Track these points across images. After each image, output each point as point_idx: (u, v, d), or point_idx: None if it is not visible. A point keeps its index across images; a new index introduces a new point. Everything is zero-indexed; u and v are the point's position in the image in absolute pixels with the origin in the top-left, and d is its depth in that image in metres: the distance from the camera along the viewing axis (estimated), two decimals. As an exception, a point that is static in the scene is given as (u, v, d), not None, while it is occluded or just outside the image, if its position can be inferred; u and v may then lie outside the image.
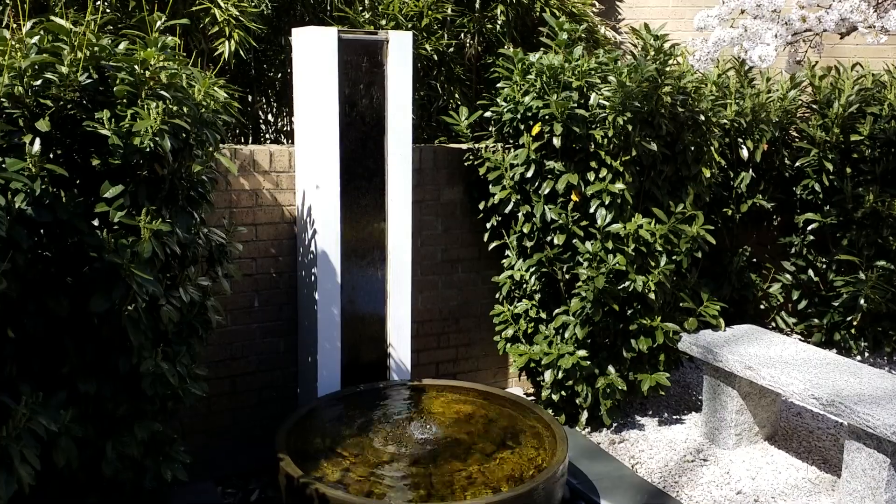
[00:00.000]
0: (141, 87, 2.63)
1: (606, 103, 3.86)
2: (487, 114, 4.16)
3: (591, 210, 3.92)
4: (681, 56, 4.01)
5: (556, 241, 3.96)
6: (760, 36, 3.23)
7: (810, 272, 5.22)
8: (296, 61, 3.78)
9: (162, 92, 2.66)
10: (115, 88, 2.62)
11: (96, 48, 2.68)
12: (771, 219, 5.36)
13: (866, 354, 5.22)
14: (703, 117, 4.12)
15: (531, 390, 4.72)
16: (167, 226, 2.70)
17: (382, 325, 4.00)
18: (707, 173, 4.22)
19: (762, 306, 5.29)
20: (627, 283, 3.89)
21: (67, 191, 2.62)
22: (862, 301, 4.83)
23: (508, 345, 4.33)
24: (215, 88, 2.98)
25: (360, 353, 3.96)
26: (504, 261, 4.31)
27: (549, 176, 3.98)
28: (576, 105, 3.82)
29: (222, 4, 3.61)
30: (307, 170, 3.77)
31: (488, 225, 4.31)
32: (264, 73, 4.41)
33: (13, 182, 2.41)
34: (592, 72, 3.94)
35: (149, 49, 2.68)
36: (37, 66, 2.55)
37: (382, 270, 3.95)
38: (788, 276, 5.26)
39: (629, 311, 4.05)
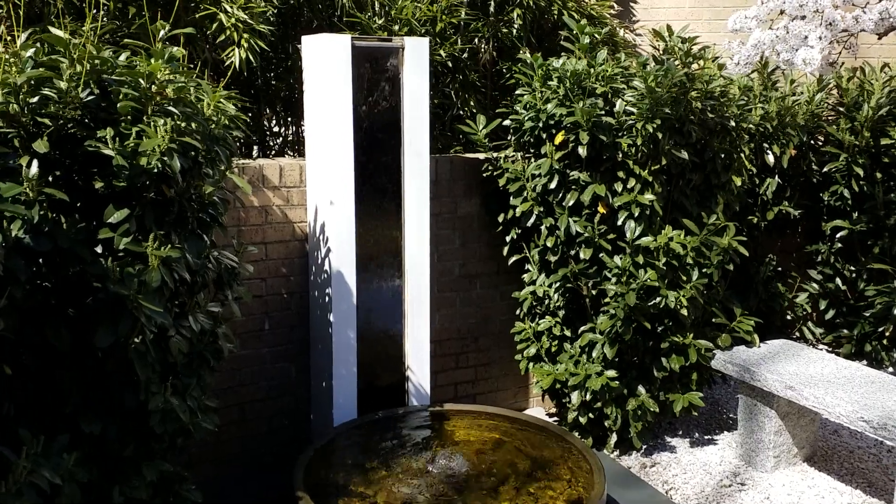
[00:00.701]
0: (147, 102, 2.42)
1: (634, 110, 3.66)
2: (506, 122, 3.96)
3: (619, 222, 3.71)
4: (709, 59, 3.82)
5: (582, 256, 3.76)
6: (805, 38, 3.03)
7: (838, 281, 5.03)
8: (306, 70, 3.57)
9: (170, 108, 2.45)
10: (118, 105, 2.41)
11: (97, 61, 2.48)
12: (796, 226, 5.17)
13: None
14: (733, 122, 3.92)
15: (553, 410, 4.52)
16: (177, 252, 2.49)
17: (400, 346, 3.79)
18: (738, 181, 4.02)
19: (788, 317, 5.10)
20: (658, 299, 3.69)
21: (68, 216, 2.41)
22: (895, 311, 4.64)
23: (531, 364, 4.12)
24: (223, 101, 2.77)
25: (376, 376, 3.75)
26: (525, 276, 4.10)
27: (574, 187, 3.78)
28: (603, 112, 3.62)
29: (229, 9, 3.40)
30: (320, 185, 3.56)
31: (508, 238, 4.10)
32: (269, 81, 4.20)
33: (8, 209, 2.20)
34: (617, 77, 3.74)
35: (154, 61, 2.47)
36: (33, 82, 2.34)
37: (400, 289, 3.74)
38: (815, 285, 5.06)
39: (659, 329, 3.85)
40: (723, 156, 3.94)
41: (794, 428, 3.82)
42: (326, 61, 3.40)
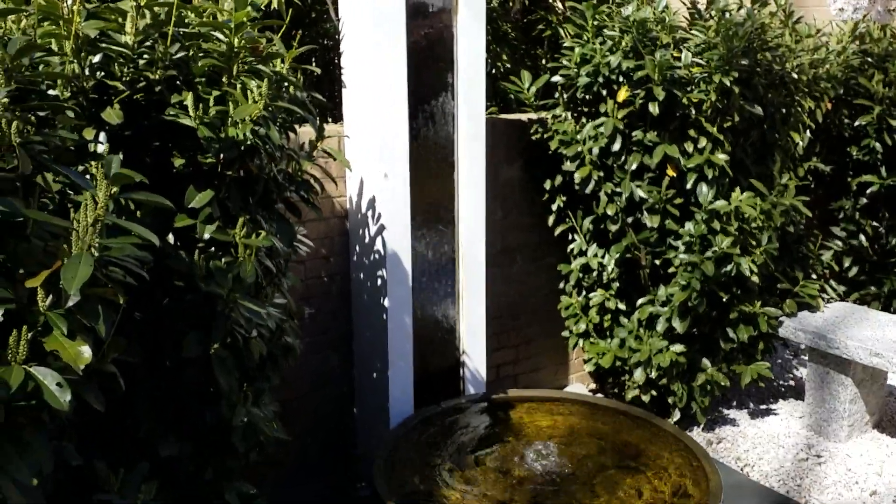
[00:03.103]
0: (233, 60, 1.99)
1: (701, 61, 3.37)
2: (555, 78, 3.60)
3: (689, 186, 3.44)
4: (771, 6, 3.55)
5: (648, 224, 3.47)
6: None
7: (861, 238, 4.89)
8: (346, 20, 3.14)
9: (260, 67, 2.03)
10: (199, 63, 1.98)
11: (156, 8, 2.03)
12: (819, 182, 5.00)
13: (924, 321, 4.95)
14: (795, 75, 3.68)
15: (593, 387, 4.26)
16: (268, 240, 2.10)
17: (453, 329, 3.45)
18: (797, 138, 3.79)
19: (813, 276, 4.95)
20: (730, 267, 3.43)
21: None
22: (933, 267, 4.53)
23: (581, 341, 3.83)
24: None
25: (430, 363, 3.41)
26: (572, 246, 3.80)
27: (636, 148, 3.47)
28: (679, 65, 3.31)
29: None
30: (364, 154, 3.16)
31: (554, 207, 3.78)
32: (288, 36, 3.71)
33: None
34: (682, 26, 3.44)
35: (236, 9, 2.03)
36: (95, 36, 1.88)
37: (453, 267, 3.39)
38: (839, 242, 4.92)
39: (725, 297, 3.60)
40: (783, 111, 3.70)
41: (867, 395, 3.65)
42: (375, 14, 2.98)
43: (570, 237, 3.84)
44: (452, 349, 3.46)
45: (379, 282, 3.22)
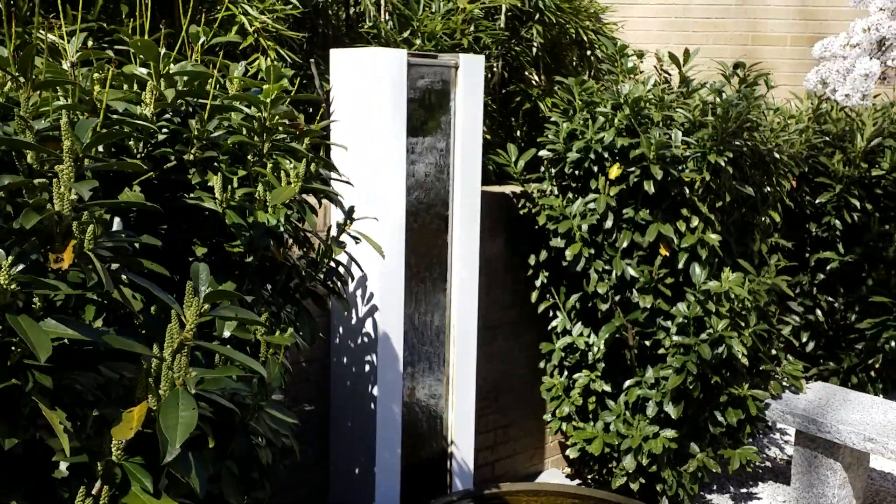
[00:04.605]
0: (265, 137, 1.77)
1: (692, 140, 3.32)
2: (542, 152, 3.49)
3: (680, 265, 3.35)
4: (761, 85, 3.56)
5: (641, 304, 3.35)
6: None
7: (818, 312, 4.93)
8: (337, 93, 2.95)
9: (294, 145, 1.81)
10: (229, 139, 1.75)
11: (175, 78, 1.80)
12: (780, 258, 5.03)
13: (881, 396, 4.99)
14: (777, 155, 3.68)
15: (568, 471, 4.08)
16: (293, 338, 1.86)
17: (443, 419, 3.23)
18: (777, 217, 3.78)
19: (773, 351, 4.94)
20: (721, 349, 3.35)
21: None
22: (894, 343, 4.57)
23: (564, 425, 3.66)
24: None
25: (415, 455, 3.17)
26: (555, 323, 3.65)
27: (626, 226, 3.38)
28: (676, 145, 3.24)
29: (251, 11, 2.73)
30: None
31: (537, 283, 3.64)
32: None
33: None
34: (672, 104, 3.39)
35: (270, 82, 1.82)
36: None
37: (444, 350, 3.18)
38: (796, 317, 4.94)
39: (714, 380, 3.50)
40: (767, 189, 3.69)
41: (853, 479, 3.59)
42: (373, 82, 2.81)
43: (550, 314, 3.69)
44: (440, 439, 3.23)
45: (367, 367, 2.99)
